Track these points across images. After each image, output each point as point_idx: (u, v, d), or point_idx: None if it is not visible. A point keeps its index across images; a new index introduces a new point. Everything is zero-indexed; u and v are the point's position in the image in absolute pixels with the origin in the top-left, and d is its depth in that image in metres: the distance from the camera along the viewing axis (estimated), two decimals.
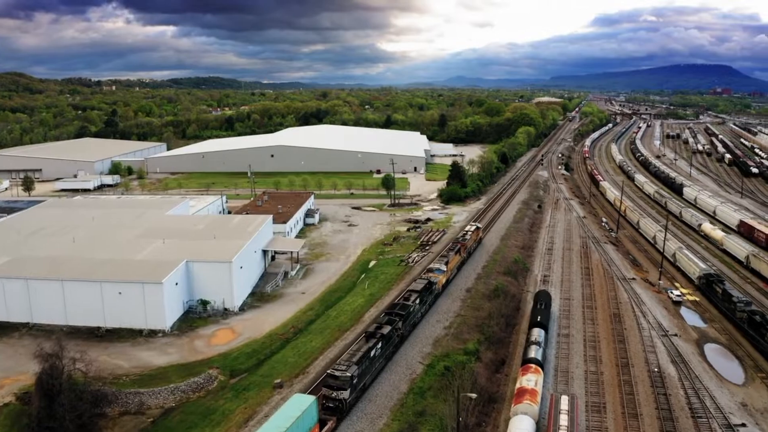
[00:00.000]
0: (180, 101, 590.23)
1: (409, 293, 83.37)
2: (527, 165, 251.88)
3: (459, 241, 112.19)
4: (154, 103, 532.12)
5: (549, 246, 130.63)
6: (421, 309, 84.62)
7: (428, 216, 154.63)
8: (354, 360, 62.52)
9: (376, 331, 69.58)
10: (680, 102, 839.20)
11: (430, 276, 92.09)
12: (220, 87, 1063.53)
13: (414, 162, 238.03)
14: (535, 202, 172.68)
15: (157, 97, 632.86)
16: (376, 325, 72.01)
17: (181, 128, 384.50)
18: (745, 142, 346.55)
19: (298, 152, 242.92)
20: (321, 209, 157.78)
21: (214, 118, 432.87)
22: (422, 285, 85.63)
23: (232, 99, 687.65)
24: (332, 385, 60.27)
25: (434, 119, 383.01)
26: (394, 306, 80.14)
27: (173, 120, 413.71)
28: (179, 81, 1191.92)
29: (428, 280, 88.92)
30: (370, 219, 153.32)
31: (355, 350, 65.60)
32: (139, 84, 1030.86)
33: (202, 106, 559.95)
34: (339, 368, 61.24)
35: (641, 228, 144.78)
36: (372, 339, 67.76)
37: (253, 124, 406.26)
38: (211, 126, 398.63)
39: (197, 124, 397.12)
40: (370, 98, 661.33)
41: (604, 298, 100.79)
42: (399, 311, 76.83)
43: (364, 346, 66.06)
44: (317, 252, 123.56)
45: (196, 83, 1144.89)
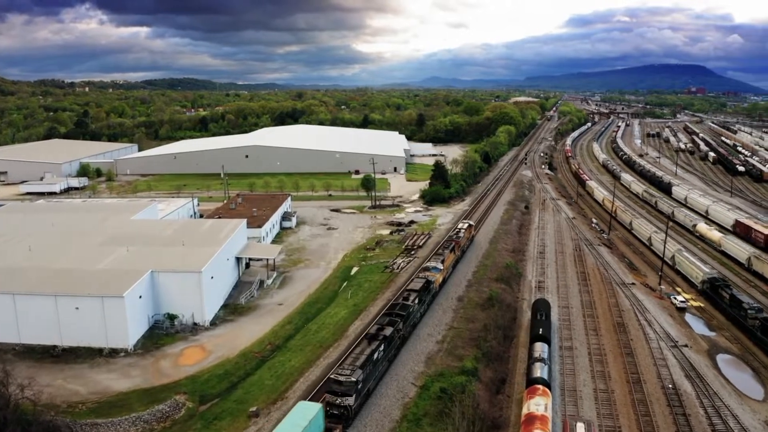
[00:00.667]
0: (153, 102, 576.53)
1: (408, 293, 79.84)
2: (510, 164, 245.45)
3: (453, 238, 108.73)
4: (127, 104, 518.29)
5: (540, 249, 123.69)
6: (420, 309, 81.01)
7: (411, 218, 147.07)
8: (358, 364, 59.10)
9: (378, 333, 66.05)
10: (656, 101, 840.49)
11: (427, 275, 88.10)
12: (194, 88, 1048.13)
13: (394, 162, 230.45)
14: (522, 203, 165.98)
15: (131, 98, 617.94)
16: (377, 326, 68.39)
17: (154, 129, 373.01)
18: (727, 141, 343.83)
19: (273, 152, 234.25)
20: (298, 212, 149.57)
21: (187, 118, 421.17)
22: (421, 284, 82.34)
23: (206, 100, 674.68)
24: (336, 390, 56.82)
25: (412, 119, 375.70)
26: (394, 306, 76.20)
27: (146, 121, 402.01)
28: (153, 82, 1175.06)
29: (426, 279, 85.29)
30: (350, 222, 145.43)
31: (357, 353, 61.79)
32: (112, 85, 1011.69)
33: (176, 107, 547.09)
34: (343, 373, 57.78)
35: (634, 229, 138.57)
36: (374, 341, 64.24)
37: (228, 124, 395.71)
38: (184, 127, 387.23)
39: (170, 125, 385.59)
40: (346, 98, 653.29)
41: (604, 306, 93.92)
42: (400, 311, 73.15)
43: (366, 349, 62.43)
44: (295, 258, 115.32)
45: (170, 84, 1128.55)
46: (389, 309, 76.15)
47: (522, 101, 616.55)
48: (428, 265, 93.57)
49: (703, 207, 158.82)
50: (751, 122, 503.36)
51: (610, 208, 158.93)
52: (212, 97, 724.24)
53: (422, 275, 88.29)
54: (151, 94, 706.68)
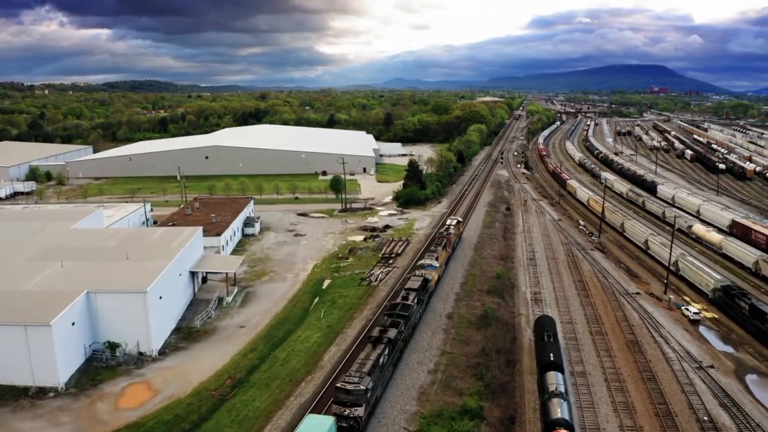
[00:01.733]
0: (113, 104, 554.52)
1: (407, 292, 75.16)
2: (484, 164, 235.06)
3: (443, 235, 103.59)
4: (85, 106, 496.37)
5: (530, 255, 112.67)
6: (419, 309, 76.04)
7: (386, 222, 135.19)
8: (365, 370, 54.55)
9: (381, 336, 61.22)
10: (621, 101, 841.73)
11: (424, 273, 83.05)
12: (156, 90, 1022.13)
13: (363, 162, 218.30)
14: (503, 204, 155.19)
15: (90, 100, 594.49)
16: (380, 328, 63.41)
17: (112, 131, 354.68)
18: (700, 138, 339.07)
19: (235, 153, 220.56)
20: (262, 217, 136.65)
21: (146, 119, 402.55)
22: (419, 282, 78.02)
23: (167, 101, 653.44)
24: (344, 401, 51.84)
25: (379, 118, 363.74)
26: (394, 306, 70.79)
27: (103, 122, 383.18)
28: (115, 85, 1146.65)
29: (423, 277, 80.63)
30: (319, 227, 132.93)
31: (363, 358, 56.96)
32: (73, 88, 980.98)
33: (137, 109, 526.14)
34: (350, 381, 53.04)
35: (627, 232, 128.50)
36: (379, 345, 59.53)
37: (188, 125, 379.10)
38: (143, 128, 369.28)
39: (128, 126, 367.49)
40: (310, 99, 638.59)
41: (612, 320, 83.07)
42: (401, 312, 68.19)
43: (372, 353, 57.79)
44: (259, 270, 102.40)
45: (132, 87, 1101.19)
46: (389, 309, 70.27)
47: (489, 101, 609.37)
48: (423, 263, 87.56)
49: (693, 207, 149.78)
50: (719, 120, 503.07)
51: (597, 209, 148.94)
52: (174, 99, 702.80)
53: (419, 273, 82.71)
54: (111, 96, 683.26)
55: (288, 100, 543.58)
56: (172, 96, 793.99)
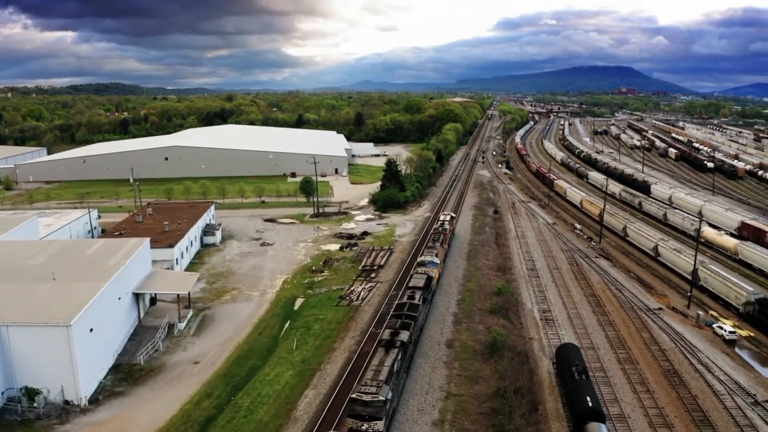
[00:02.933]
0: (75, 106, 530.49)
1: (413, 291, 69.22)
2: (463, 164, 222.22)
3: (439, 231, 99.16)
4: (46, 108, 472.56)
5: (530, 265, 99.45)
6: (425, 308, 70.22)
7: (364, 228, 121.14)
8: (382, 378, 48.55)
9: (393, 339, 55.12)
10: (590, 101, 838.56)
11: (426, 270, 76.54)
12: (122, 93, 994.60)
13: (335, 163, 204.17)
14: (490, 207, 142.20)
15: (53, 102, 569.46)
16: (391, 330, 57.11)
17: (70, 132, 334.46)
18: (679, 137, 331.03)
19: (197, 154, 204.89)
20: (225, 223, 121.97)
21: (107, 121, 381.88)
22: (423, 281, 72.12)
23: (132, 104, 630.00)
24: (361, 414, 45.68)
25: (350, 118, 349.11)
26: (401, 306, 64.71)
27: (62, 124, 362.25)
28: (79, 88, 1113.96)
29: (427, 275, 74.53)
30: (289, 234, 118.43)
31: (377, 365, 50.93)
32: (36, 91, 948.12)
33: (99, 111, 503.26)
34: (368, 390, 46.66)
35: (630, 237, 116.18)
36: (392, 348, 53.55)
37: (151, 126, 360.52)
38: (104, 129, 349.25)
39: (88, 128, 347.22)
40: (278, 101, 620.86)
41: (638, 344, 70.13)
42: (410, 312, 62.29)
43: (386, 359, 51.79)
44: (219, 287, 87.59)
45: (97, 90, 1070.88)
46: (396, 310, 64.28)
47: (459, 101, 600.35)
48: (424, 260, 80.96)
49: (694, 208, 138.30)
50: (692, 120, 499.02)
51: (592, 211, 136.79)
52: (138, 101, 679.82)
53: (421, 270, 76.40)
54: (74, 99, 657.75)
55: (255, 101, 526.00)
56: (137, 98, 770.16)
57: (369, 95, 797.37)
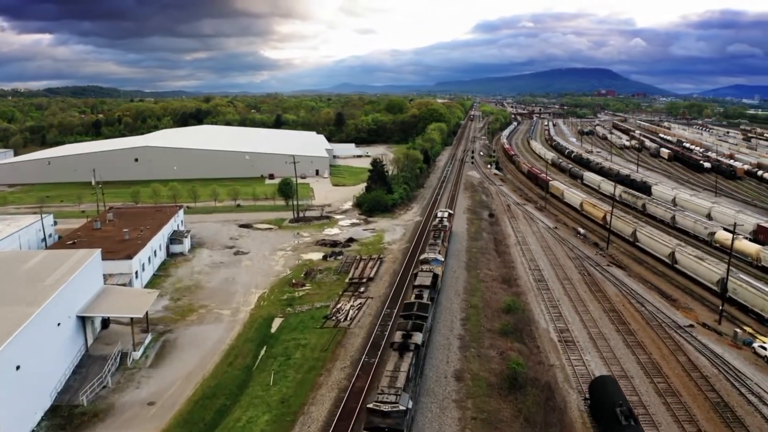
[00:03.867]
0: (50, 108, 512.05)
1: (420, 289, 65.22)
2: (450, 164, 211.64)
3: (440, 227, 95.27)
4: (19, 110, 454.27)
5: (537, 275, 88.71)
6: (432, 309, 65.75)
7: (349, 235, 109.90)
8: (399, 384, 44.03)
9: (406, 341, 51.03)
10: (571, 102, 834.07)
11: (431, 268, 72.47)
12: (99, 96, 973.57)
13: (316, 164, 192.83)
14: (484, 210, 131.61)
15: (27, 104, 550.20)
16: (403, 332, 52.79)
17: (41, 134, 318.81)
18: (667, 137, 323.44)
19: (168, 154, 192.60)
20: (195, 229, 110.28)
21: (80, 122, 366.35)
22: (430, 279, 68.50)
23: (108, 106, 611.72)
24: (380, 426, 40.74)
25: (330, 118, 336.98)
26: (410, 306, 60.49)
27: (33, 125, 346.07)
28: (56, 90, 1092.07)
29: (433, 272, 70.80)
30: (266, 242, 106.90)
31: (392, 370, 46.67)
32: (13, 94, 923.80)
33: (74, 113, 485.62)
34: (386, 399, 42.03)
35: (642, 242, 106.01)
36: (407, 352, 49.53)
37: (125, 128, 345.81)
38: (76, 131, 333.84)
39: (59, 130, 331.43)
40: (256, 102, 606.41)
41: (677, 370, 59.67)
42: (420, 312, 58.45)
43: (401, 363, 47.69)
44: (185, 305, 75.88)
45: (74, 93, 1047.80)
46: (405, 310, 60.11)
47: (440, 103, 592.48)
48: (428, 257, 77.16)
49: (702, 210, 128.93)
50: (676, 120, 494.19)
51: (595, 214, 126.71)
52: (115, 104, 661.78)
53: (426, 268, 72.21)
54: (50, 101, 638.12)
55: (233, 102, 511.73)
56: (114, 101, 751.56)
57: (348, 97, 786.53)
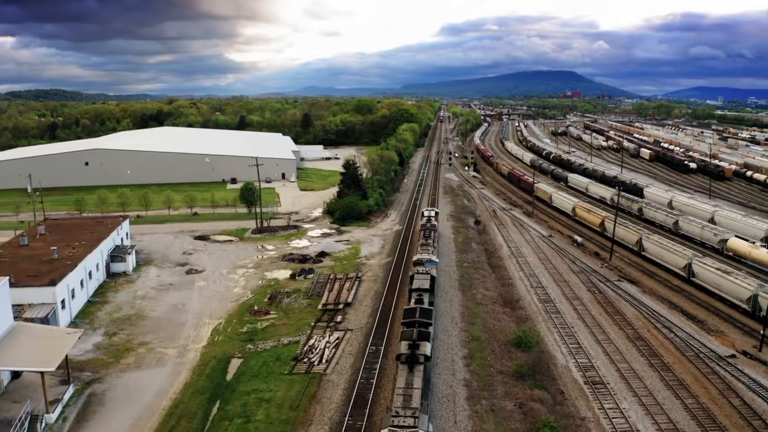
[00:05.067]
0: (8, 111, 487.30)
1: (420, 293, 60.40)
2: (425, 166, 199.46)
3: (429, 227, 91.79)
4: None
5: (542, 294, 76.29)
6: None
7: (320, 248, 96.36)
8: (414, 404, 39.44)
9: (415, 353, 44.97)
10: (539, 104, 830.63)
11: (428, 270, 68.53)
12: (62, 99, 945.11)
13: (282, 166, 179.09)
14: (468, 216, 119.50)
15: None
16: (409, 342, 46.56)
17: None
18: (643, 137, 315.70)
19: (122, 158, 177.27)
20: (144, 243, 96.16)
21: (36, 124, 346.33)
22: (428, 281, 63.92)
23: (69, 109, 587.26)
24: None
25: (297, 119, 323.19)
26: (411, 312, 53.98)
27: None
28: (18, 94, 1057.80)
29: (430, 275, 66.59)
30: (225, 257, 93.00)
31: (404, 387, 41.05)
32: None
33: (32, 116, 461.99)
34: (403, 423, 36.81)
35: (649, 252, 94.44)
36: (417, 365, 43.98)
37: (82, 130, 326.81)
38: (31, 134, 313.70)
39: (13, 133, 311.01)
40: (221, 105, 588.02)
41: (734, 418, 47.75)
42: (423, 319, 51.98)
43: (413, 379, 42.26)
44: (121, 342, 61.61)
45: (36, 96, 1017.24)
46: (406, 316, 54.20)
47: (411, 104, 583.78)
48: (421, 258, 73.34)
49: (704, 214, 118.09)
50: (646, 121, 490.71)
51: (591, 220, 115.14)
52: (77, 107, 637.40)
53: (422, 270, 68.03)
54: (10, 104, 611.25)
55: (196, 104, 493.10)
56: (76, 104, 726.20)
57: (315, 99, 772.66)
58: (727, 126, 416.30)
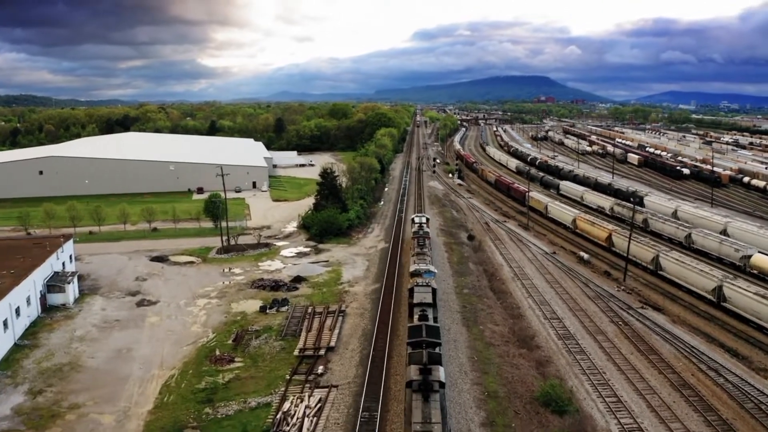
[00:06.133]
0: None
1: (423, 308, 54.22)
2: (406, 174, 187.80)
3: (421, 235, 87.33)
4: None
5: (559, 328, 64.60)
6: None
7: (296, 270, 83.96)
8: None
9: (427, 379, 40.01)
10: (514, 109, 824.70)
11: (428, 281, 61.74)
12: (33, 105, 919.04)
13: (253, 174, 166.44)
14: (459, 230, 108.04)
15: None
16: (420, 367, 41.42)
17: None
18: (627, 141, 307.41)
19: (80, 166, 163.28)
20: (92, 266, 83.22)
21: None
22: (430, 295, 58.00)
23: (37, 115, 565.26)
24: None
25: (269, 124, 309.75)
26: (416, 331, 48.16)
27: None
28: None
29: (431, 287, 60.04)
30: (184, 283, 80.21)
31: (421, 422, 36.41)
32: None
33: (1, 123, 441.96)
34: None
35: (668, 271, 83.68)
36: (432, 394, 39.16)
37: (45, 136, 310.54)
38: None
39: None
40: (192, 110, 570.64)
41: None
42: (430, 338, 46.80)
43: (430, 411, 37.47)
44: (47, 404, 48.61)
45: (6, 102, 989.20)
46: (412, 336, 47.82)
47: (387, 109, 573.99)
48: (418, 269, 68.13)
49: (715, 226, 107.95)
50: (623, 125, 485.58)
51: (596, 234, 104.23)
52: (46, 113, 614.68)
53: (421, 282, 61.72)
54: None
55: (164, 108, 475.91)
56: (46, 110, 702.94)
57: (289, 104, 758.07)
58: (707, 130, 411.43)
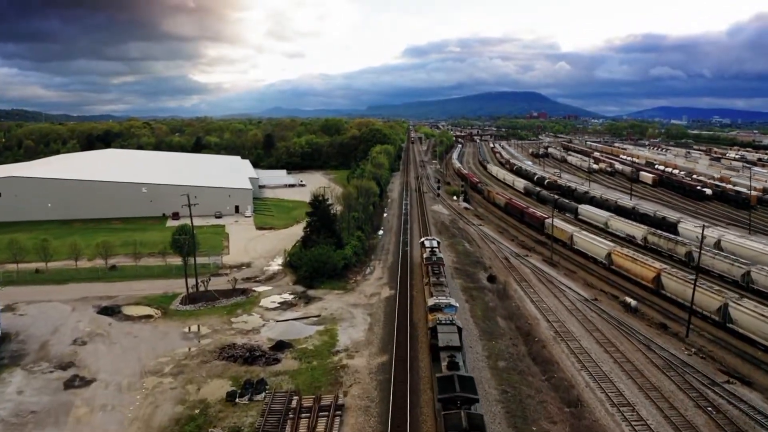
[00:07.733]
0: None
1: (451, 353, 48.29)
2: (406, 196, 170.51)
3: (435, 262, 76.86)
4: None
5: (635, 422, 47.08)
6: None
7: (278, 333, 65.72)
8: None
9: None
10: (507, 125, 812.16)
11: (453, 319, 55.86)
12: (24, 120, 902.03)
13: (236, 198, 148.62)
14: (476, 268, 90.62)
15: None
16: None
17: None
18: (634, 158, 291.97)
19: (42, 187, 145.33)
20: (25, 319, 65.51)
21: None
22: (456, 335, 52.30)
23: (24, 130, 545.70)
24: None
25: (258, 140, 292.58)
26: (447, 384, 42.19)
27: None
28: None
29: (456, 325, 54.54)
30: (133, 351, 62.03)
31: None
32: None
33: None
34: None
35: (740, 325, 66.39)
36: None
37: (24, 153, 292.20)
38: None
39: None
40: (182, 125, 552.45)
41: None
42: (466, 393, 41.29)
43: None
44: None
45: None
46: (443, 391, 41.60)
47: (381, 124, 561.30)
48: (438, 303, 60.13)
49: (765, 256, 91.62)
50: (622, 140, 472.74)
51: (637, 273, 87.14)
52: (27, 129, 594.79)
53: (443, 320, 54.78)
54: None
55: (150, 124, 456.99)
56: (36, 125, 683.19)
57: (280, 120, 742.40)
58: (707, 145, 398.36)
